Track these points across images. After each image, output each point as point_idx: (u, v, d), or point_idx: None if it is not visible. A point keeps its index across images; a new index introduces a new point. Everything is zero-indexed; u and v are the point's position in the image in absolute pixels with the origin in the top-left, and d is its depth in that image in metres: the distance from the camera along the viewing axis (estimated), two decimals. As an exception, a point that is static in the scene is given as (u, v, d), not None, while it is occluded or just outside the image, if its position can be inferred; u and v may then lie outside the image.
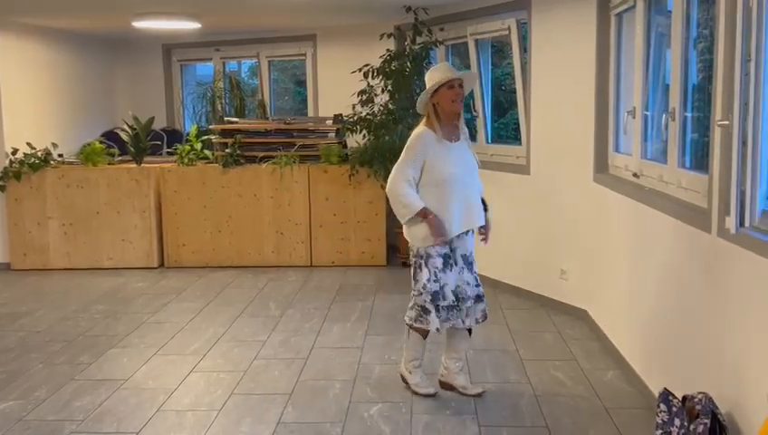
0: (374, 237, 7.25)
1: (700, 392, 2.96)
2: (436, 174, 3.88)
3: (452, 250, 3.99)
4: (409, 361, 4.21)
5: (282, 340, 5.10)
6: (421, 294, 3.99)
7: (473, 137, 6.89)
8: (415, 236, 3.97)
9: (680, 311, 3.54)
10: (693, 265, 3.37)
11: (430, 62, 7.04)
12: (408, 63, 6.89)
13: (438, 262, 3.95)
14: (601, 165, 5.13)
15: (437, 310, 3.97)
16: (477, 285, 4.07)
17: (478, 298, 4.07)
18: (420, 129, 3.96)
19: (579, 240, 5.37)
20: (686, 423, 2.88)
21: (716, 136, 3.03)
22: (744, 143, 2.63)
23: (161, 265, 7.35)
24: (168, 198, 7.27)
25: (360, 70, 6.95)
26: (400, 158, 3.96)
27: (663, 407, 2.96)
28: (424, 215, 3.86)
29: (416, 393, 4.11)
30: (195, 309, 5.87)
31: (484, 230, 4.12)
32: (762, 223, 2.76)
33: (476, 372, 4.43)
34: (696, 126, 3.81)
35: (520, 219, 6.04)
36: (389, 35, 7.22)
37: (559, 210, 5.59)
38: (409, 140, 3.97)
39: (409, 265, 4.18)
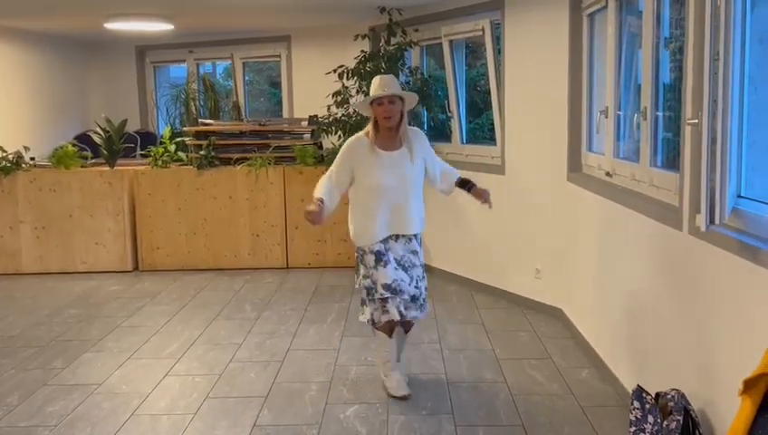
0: (350, 239, 7.21)
1: (673, 389, 2.99)
2: (365, 181, 4.01)
3: (385, 250, 4.02)
4: (383, 363, 4.22)
5: (258, 342, 5.07)
6: (361, 289, 4.12)
7: (447, 137, 6.93)
8: (351, 232, 4.18)
9: (652, 308, 3.57)
10: (665, 263, 3.40)
11: (405, 63, 7.05)
12: (383, 64, 6.88)
13: (370, 259, 4.03)
14: (575, 164, 5.16)
15: (374, 301, 4.04)
16: (416, 287, 4.07)
17: (414, 299, 4.05)
18: (355, 135, 4.11)
19: (553, 239, 5.39)
20: (659, 420, 2.89)
21: (687, 135, 3.06)
22: (713, 141, 2.65)
23: (135, 268, 7.28)
24: (142, 201, 7.20)
25: (334, 71, 6.95)
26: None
27: (636, 404, 2.98)
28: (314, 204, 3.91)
29: (392, 396, 4.10)
30: (170, 312, 5.82)
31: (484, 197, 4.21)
32: (731, 221, 2.79)
33: (452, 372, 4.44)
34: (668, 125, 3.85)
35: (495, 219, 6.05)
36: (364, 36, 7.22)
37: (533, 210, 5.61)
38: (342, 145, 4.12)
39: None
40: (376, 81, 4.02)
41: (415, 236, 4.12)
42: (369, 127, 4.04)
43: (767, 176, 2.87)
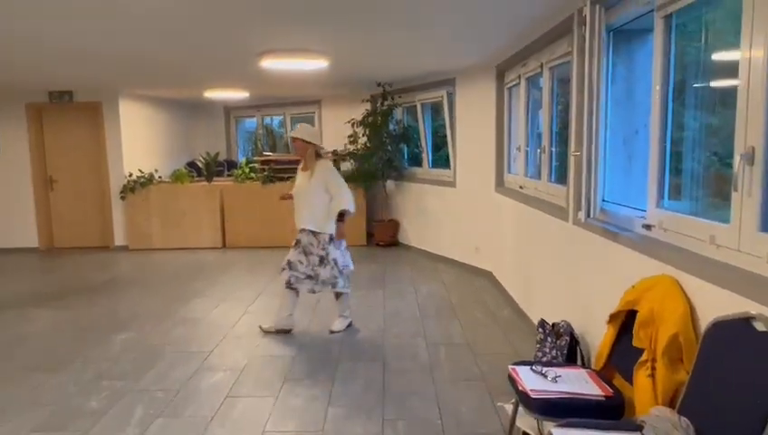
0: (359, 227, 7.20)
1: (563, 320, 2.98)
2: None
3: (299, 238, 3.86)
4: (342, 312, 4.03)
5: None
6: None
7: (419, 163, 6.90)
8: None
9: (550, 270, 3.57)
10: (557, 242, 3.40)
11: (393, 117, 7.01)
12: (379, 118, 6.84)
13: (294, 241, 3.88)
14: (500, 181, 5.15)
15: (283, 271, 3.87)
16: (313, 270, 3.82)
17: (309, 277, 3.84)
18: None
19: (487, 228, 5.38)
20: (554, 340, 2.90)
21: (571, 162, 3.06)
22: (588, 165, 2.64)
23: (224, 246, 7.22)
24: (229, 204, 7.14)
25: (349, 122, 6.90)
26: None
27: (540, 330, 2.98)
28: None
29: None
30: (245, 273, 5.77)
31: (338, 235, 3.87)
32: (600, 215, 2.79)
33: (424, 311, 4.42)
34: (558, 157, 3.85)
35: (450, 215, 6.05)
36: (367, 100, 7.18)
37: (474, 210, 5.60)
38: None
39: (381, 245, 4.18)
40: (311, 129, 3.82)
41: (313, 233, 3.80)
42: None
43: (619, 187, 2.88)
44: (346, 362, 3.40)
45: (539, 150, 3.90)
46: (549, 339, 2.91)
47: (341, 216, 3.82)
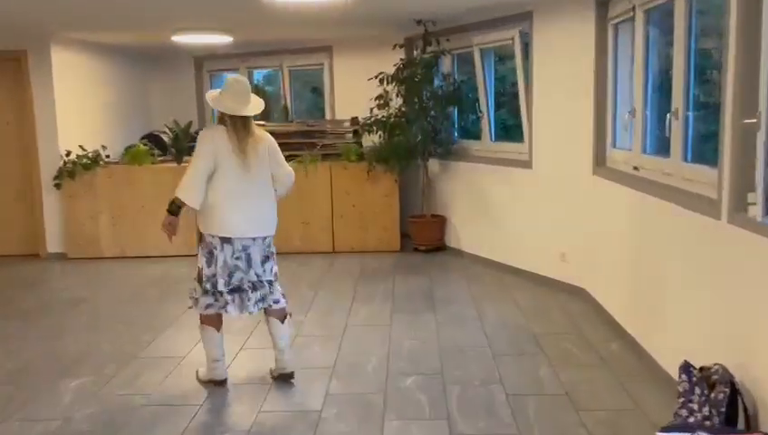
0: (389, 226, 7.16)
1: (716, 364, 2.90)
2: None
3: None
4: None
5: (318, 318, 5.01)
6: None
7: (476, 135, 6.84)
8: None
9: (686, 287, 3.47)
10: (699, 249, 3.30)
11: (438, 69, 6.94)
12: (419, 71, 6.78)
13: None
14: (600, 159, 5.05)
15: None
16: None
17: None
18: None
19: (578, 226, 5.29)
20: (705, 392, 2.81)
21: (726, 132, 2.94)
22: None
23: (200, 252, 7.23)
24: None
25: (376, 77, 6.85)
26: None
27: (684, 377, 2.89)
28: None
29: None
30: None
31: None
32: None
33: (496, 345, 4.37)
34: (698, 124, 3.73)
35: (523, 209, 5.97)
36: (401, 46, 7.12)
37: (559, 200, 5.51)
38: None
39: (421, 250, 4.19)
40: (232, 87, 3.69)
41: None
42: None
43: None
44: (394, 421, 3.36)
45: (669, 116, 3.79)
46: (697, 390, 2.82)
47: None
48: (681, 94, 3.66)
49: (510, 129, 6.86)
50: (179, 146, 7.20)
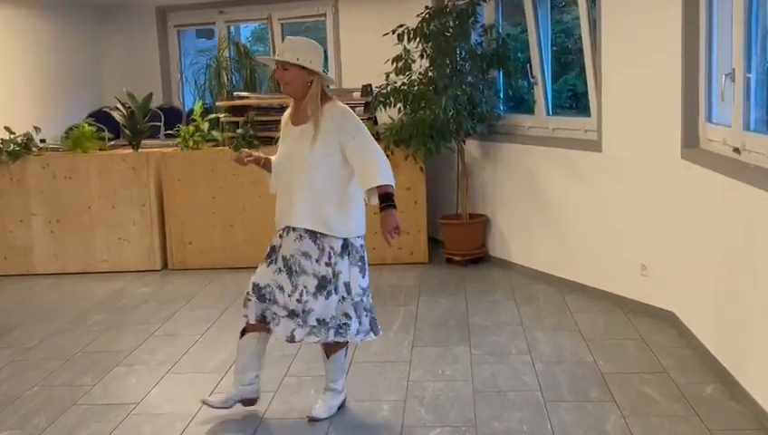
0: (413, 230, 7.17)
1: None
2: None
3: (280, 246, 4.03)
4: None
5: (314, 353, 5.02)
6: None
7: (530, 108, 6.84)
8: None
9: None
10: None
11: (477, 21, 6.97)
12: (451, 23, 6.81)
13: (268, 250, 4.07)
14: (691, 139, 5.04)
15: (248, 299, 4.08)
16: (299, 301, 3.93)
17: (292, 314, 3.95)
18: None
19: (663, 229, 5.28)
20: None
21: None
22: None
23: (165, 266, 7.36)
24: (171, 189, 7.27)
25: (393, 32, 6.90)
26: None
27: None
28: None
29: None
30: (209, 318, 5.87)
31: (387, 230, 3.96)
32: None
33: (550, 388, 4.38)
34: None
35: (591, 205, 5.97)
36: (428, -10, 7.18)
37: (638, 194, 5.50)
38: None
39: (457, 262, 4.27)
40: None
41: (312, 234, 3.92)
42: None
43: None
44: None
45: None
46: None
47: (386, 198, 3.93)
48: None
49: (574, 99, 6.86)
50: (135, 126, 7.32)
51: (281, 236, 4.01)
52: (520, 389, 4.40)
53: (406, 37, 6.89)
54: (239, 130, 7.21)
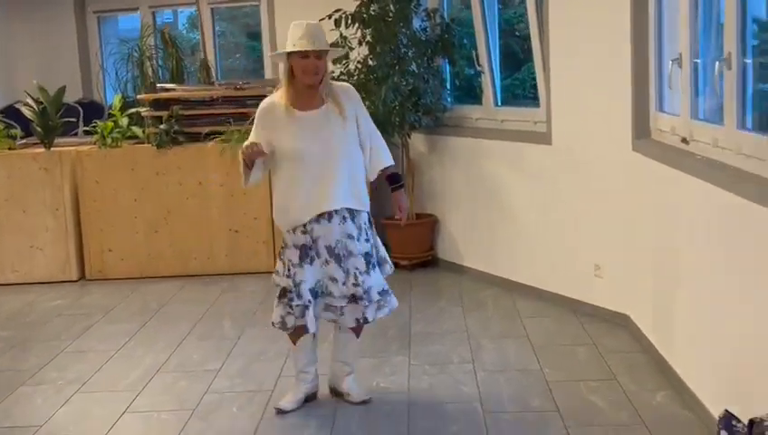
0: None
1: (772, 414, 3.00)
2: (283, 149, 4.21)
3: (313, 240, 4.18)
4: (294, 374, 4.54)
5: (240, 368, 5.12)
6: (277, 285, 4.32)
7: (477, 97, 6.95)
8: (273, 211, 4.44)
9: (744, 313, 3.58)
10: (760, 256, 3.41)
11: (419, 4, 7.06)
12: (392, 6, 6.89)
13: (293, 254, 4.22)
14: (642, 129, 5.16)
15: (290, 307, 4.23)
16: (356, 284, 4.20)
17: (353, 299, 4.22)
18: (267, 98, 4.34)
19: (617, 226, 5.40)
20: (754, 455, 2.91)
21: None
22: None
23: (82, 277, 7.36)
24: (88, 191, 7.27)
25: (329, 17, 6.96)
26: None
27: (724, 434, 2.99)
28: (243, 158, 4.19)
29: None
30: (127, 332, 5.88)
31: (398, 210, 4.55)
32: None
33: (490, 399, 4.47)
34: (764, 75, 3.84)
35: (541, 202, 6.08)
36: (367, -28, 7.25)
37: (590, 188, 5.62)
38: None
39: (404, 266, 4.48)
40: (297, 28, 4.13)
41: (351, 213, 4.23)
42: (282, 84, 4.24)
43: None
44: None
45: (719, 64, 3.90)
46: (744, 453, 2.92)
47: (398, 178, 4.55)
48: (734, 31, 3.76)
49: (525, 88, 6.98)
50: (47, 123, 7.31)
51: (308, 231, 4.18)
52: (458, 400, 4.49)
53: (343, 23, 6.97)
54: (162, 126, 7.22)
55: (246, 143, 4.16)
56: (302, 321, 4.21)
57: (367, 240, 4.28)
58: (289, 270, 4.20)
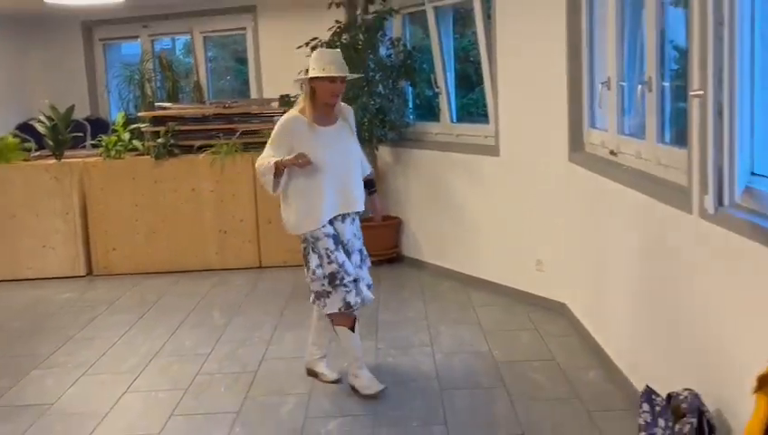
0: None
1: (686, 389, 3.04)
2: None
3: (337, 232, 4.26)
4: (352, 363, 4.41)
5: (228, 352, 5.11)
6: (314, 280, 4.24)
7: (436, 115, 6.98)
8: (287, 221, 4.35)
9: (662, 300, 3.63)
10: (675, 251, 3.46)
11: (384, 34, 7.08)
12: (361, 36, 6.92)
13: (330, 242, 4.19)
14: (577, 143, 5.22)
15: (344, 286, 4.20)
16: (359, 269, 4.35)
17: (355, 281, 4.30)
18: (290, 113, 4.28)
19: (556, 227, 5.45)
20: (670, 424, 2.95)
21: (693, 107, 3.11)
22: (719, 114, 2.70)
23: (89, 273, 7.30)
24: (94, 197, 7.22)
25: (306, 44, 6.96)
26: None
27: (646, 407, 3.03)
28: (278, 166, 4.12)
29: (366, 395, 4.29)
30: (128, 322, 5.86)
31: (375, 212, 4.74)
32: (744, 201, 2.85)
33: (446, 377, 4.50)
34: (679, 96, 3.90)
35: (490, 206, 6.12)
36: (338, 5, 7.26)
37: (532, 194, 5.67)
38: (276, 125, 4.29)
39: (373, 263, 4.54)
40: (325, 55, 4.24)
41: (357, 214, 4.38)
42: (304, 103, 4.23)
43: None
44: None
45: (641, 87, 3.96)
46: (661, 421, 2.96)
47: (373, 184, 4.62)
48: (655, 59, 3.82)
49: (479, 107, 7.01)
50: (58, 137, 7.26)
51: (337, 221, 4.26)
52: (419, 378, 4.53)
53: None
54: (160, 140, 7.19)
55: (290, 156, 4.08)
56: (360, 297, 4.26)
57: (359, 238, 4.39)
58: (329, 256, 4.18)
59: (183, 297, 6.46)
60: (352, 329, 4.35)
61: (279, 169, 4.13)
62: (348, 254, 4.27)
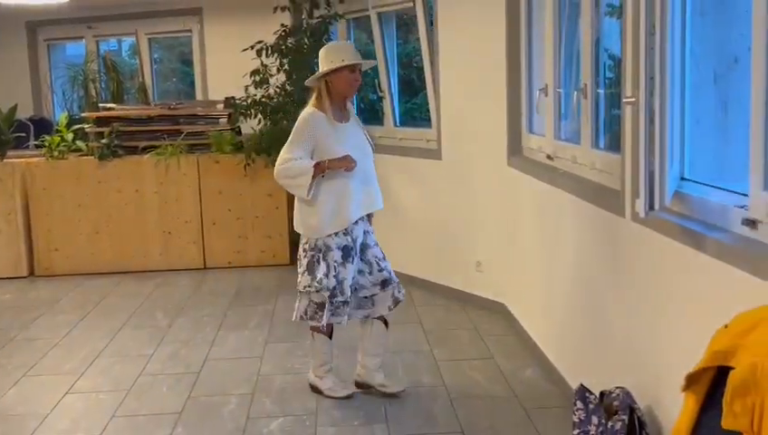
0: (275, 234, 7.21)
1: (618, 387, 3.08)
2: (334, 156, 3.97)
3: (353, 240, 4.07)
4: (318, 366, 4.27)
5: (170, 353, 5.03)
6: (319, 290, 4.01)
7: (379, 119, 6.98)
8: (308, 225, 4.06)
9: (596, 301, 3.68)
10: (608, 253, 3.50)
11: (330, 38, 7.04)
12: (306, 39, 6.87)
13: (338, 255, 4.02)
14: (515, 147, 5.26)
15: (332, 304, 4.03)
16: (381, 270, 4.17)
17: (383, 284, 4.17)
18: (309, 109, 4.04)
19: (495, 229, 5.49)
20: (603, 421, 2.99)
21: (626, 114, 3.16)
22: (651, 121, 2.74)
23: (31, 273, 7.13)
24: (37, 198, 7.05)
25: (252, 47, 6.89)
26: (287, 142, 4.06)
27: (579, 404, 3.07)
28: (321, 168, 3.94)
29: (331, 397, 4.19)
30: (70, 322, 5.73)
31: None
32: (674, 205, 2.89)
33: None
34: (613, 103, 3.95)
35: (432, 208, 6.13)
36: (284, 9, 7.19)
37: (473, 197, 5.70)
38: (297, 122, 4.05)
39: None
40: (338, 48, 4.27)
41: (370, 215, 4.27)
42: (323, 98, 4.02)
43: (712, 156, 2.98)
44: None
45: (576, 94, 4.00)
46: (594, 418, 3.00)
47: None
48: (590, 66, 3.86)
49: (422, 112, 7.02)
50: (0, 137, 7.08)
51: (349, 232, 4.07)
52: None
53: (264, 53, 6.91)
54: (104, 141, 7.06)
55: (336, 158, 3.93)
56: (340, 317, 4.06)
57: (370, 233, 4.25)
58: (335, 269, 3.98)
59: (126, 298, 6.34)
60: (331, 335, 4.28)
61: (318, 171, 3.93)
62: (362, 252, 4.12)
